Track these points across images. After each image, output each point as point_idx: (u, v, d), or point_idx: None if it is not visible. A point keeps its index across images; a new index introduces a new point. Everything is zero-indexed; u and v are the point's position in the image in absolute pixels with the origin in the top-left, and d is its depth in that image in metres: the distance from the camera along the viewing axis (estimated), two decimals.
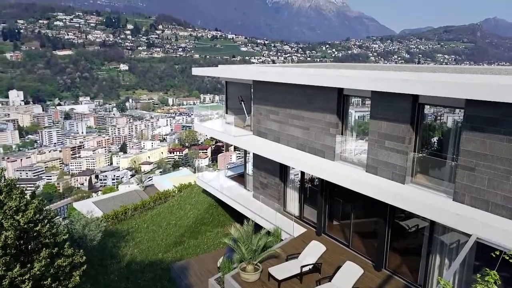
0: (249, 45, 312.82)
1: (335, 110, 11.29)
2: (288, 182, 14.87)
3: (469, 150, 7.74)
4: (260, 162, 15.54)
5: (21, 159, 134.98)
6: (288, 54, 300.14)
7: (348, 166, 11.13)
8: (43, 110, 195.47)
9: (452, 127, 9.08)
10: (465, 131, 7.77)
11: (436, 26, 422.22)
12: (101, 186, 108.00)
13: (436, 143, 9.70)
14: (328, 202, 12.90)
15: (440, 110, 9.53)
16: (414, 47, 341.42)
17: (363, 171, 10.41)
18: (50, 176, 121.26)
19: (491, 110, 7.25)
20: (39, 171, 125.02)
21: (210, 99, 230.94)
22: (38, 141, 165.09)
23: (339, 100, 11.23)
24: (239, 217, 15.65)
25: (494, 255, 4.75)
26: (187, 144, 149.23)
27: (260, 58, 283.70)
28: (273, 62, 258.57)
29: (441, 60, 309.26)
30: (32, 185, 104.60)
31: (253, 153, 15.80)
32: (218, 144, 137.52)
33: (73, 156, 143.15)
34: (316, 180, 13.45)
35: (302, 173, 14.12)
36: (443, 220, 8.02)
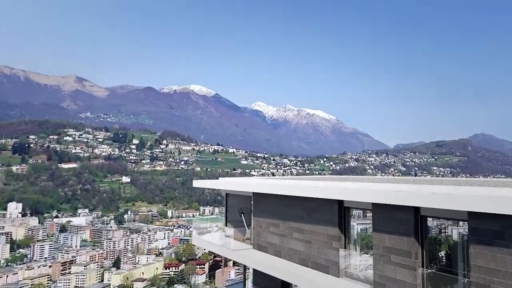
0: (249, 158, 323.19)
1: (337, 222, 11.09)
2: None
3: (481, 265, 7.35)
4: (261, 278, 14.64)
5: (7, 276, 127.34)
6: (287, 167, 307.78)
7: (354, 283, 10.44)
8: (39, 223, 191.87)
9: (459, 241, 8.79)
10: (472, 245, 7.51)
11: (428, 141, 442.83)
12: None
13: (444, 258, 9.27)
14: None
15: (444, 223, 9.35)
16: (409, 160, 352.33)
17: None
18: None
19: (495, 222, 7.12)
20: None
21: (209, 211, 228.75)
22: (29, 255, 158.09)
23: (340, 212, 11.11)
24: None
25: None
26: (184, 258, 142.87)
27: (260, 171, 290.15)
28: (273, 174, 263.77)
29: (437, 172, 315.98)
30: None
31: (253, 269, 15.00)
32: (216, 258, 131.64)
33: (62, 272, 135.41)
34: None
35: None
36: None
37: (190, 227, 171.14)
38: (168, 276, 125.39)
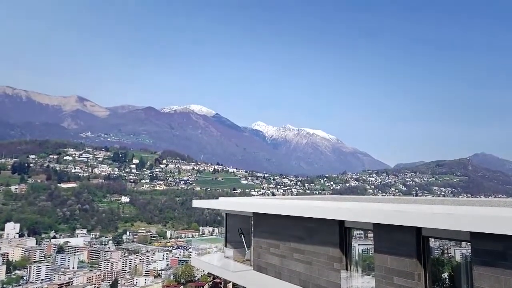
0: (249, 178, 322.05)
1: (338, 243, 10.96)
2: None
3: (484, 287, 7.22)
4: None
5: None
6: (288, 187, 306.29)
7: None
8: (36, 243, 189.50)
9: (462, 262, 8.67)
10: (476, 266, 7.39)
11: (428, 161, 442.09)
12: None
13: (447, 279, 9.12)
14: None
15: (446, 244, 9.25)
16: (410, 180, 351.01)
17: None
18: None
19: (497, 243, 7.04)
20: None
21: (209, 232, 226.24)
22: (25, 277, 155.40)
23: (341, 233, 11.00)
24: None
25: None
26: (182, 280, 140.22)
27: (260, 191, 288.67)
28: (273, 194, 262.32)
29: (438, 192, 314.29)
30: None
31: None
32: (215, 280, 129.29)
33: None
34: None
35: None
36: None
37: (189, 247, 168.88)
38: None
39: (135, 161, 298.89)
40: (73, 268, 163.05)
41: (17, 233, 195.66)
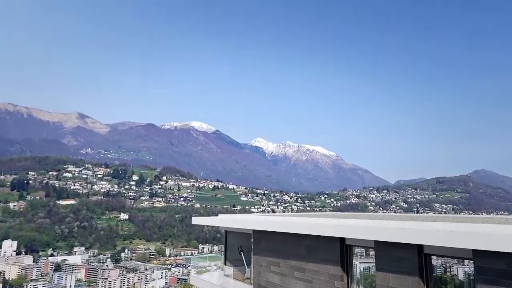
0: (249, 195, 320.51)
1: (339, 261, 10.82)
2: None
3: None
4: None
5: None
6: (288, 204, 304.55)
7: None
8: (33, 261, 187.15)
9: (465, 280, 8.54)
10: (479, 285, 7.29)
11: (429, 177, 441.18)
12: None
13: None
14: None
15: (449, 261, 9.13)
16: (411, 196, 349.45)
17: None
18: None
19: (501, 261, 6.95)
20: None
21: (209, 249, 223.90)
22: None
23: (342, 250, 10.88)
24: None
25: None
26: None
27: (260, 208, 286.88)
28: (273, 211, 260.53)
29: (439, 209, 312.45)
30: None
31: None
32: None
33: None
34: None
35: None
36: None
37: (189, 265, 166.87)
38: None
39: (135, 177, 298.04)
40: (70, 287, 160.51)
41: (14, 251, 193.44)
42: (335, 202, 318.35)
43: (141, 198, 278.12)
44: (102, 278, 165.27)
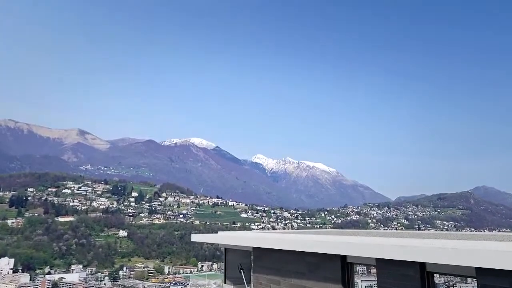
0: (249, 211, 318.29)
1: (340, 279, 10.67)
2: None
3: None
4: None
5: None
6: (288, 221, 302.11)
7: None
8: (30, 279, 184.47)
9: None
10: None
11: (430, 194, 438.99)
12: None
13: None
14: None
15: (452, 280, 8.99)
16: (412, 213, 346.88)
17: None
18: None
19: (504, 279, 6.84)
20: None
21: (208, 267, 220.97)
22: None
23: (343, 268, 10.73)
24: None
25: None
26: None
27: (260, 224, 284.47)
28: (273, 228, 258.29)
29: (441, 226, 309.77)
30: None
31: None
32: None
33: None
34: None
35: None
36: None
37: (188, 284, 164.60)
38: None
39: (134, 194, 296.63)
40: None
41: (11, 269, 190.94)
42: (335, 219, 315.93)
43: (140, 214, 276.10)
44: None
